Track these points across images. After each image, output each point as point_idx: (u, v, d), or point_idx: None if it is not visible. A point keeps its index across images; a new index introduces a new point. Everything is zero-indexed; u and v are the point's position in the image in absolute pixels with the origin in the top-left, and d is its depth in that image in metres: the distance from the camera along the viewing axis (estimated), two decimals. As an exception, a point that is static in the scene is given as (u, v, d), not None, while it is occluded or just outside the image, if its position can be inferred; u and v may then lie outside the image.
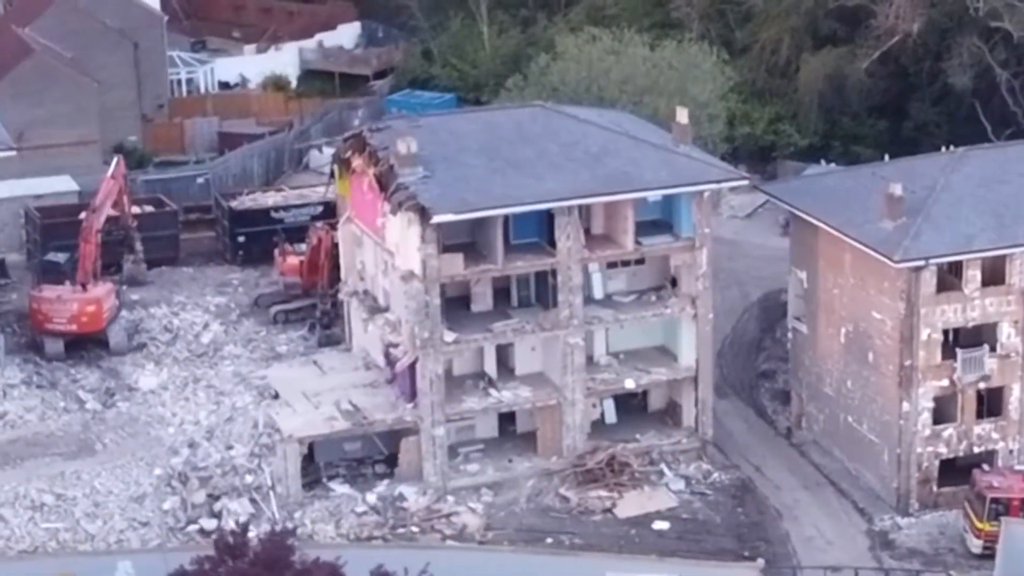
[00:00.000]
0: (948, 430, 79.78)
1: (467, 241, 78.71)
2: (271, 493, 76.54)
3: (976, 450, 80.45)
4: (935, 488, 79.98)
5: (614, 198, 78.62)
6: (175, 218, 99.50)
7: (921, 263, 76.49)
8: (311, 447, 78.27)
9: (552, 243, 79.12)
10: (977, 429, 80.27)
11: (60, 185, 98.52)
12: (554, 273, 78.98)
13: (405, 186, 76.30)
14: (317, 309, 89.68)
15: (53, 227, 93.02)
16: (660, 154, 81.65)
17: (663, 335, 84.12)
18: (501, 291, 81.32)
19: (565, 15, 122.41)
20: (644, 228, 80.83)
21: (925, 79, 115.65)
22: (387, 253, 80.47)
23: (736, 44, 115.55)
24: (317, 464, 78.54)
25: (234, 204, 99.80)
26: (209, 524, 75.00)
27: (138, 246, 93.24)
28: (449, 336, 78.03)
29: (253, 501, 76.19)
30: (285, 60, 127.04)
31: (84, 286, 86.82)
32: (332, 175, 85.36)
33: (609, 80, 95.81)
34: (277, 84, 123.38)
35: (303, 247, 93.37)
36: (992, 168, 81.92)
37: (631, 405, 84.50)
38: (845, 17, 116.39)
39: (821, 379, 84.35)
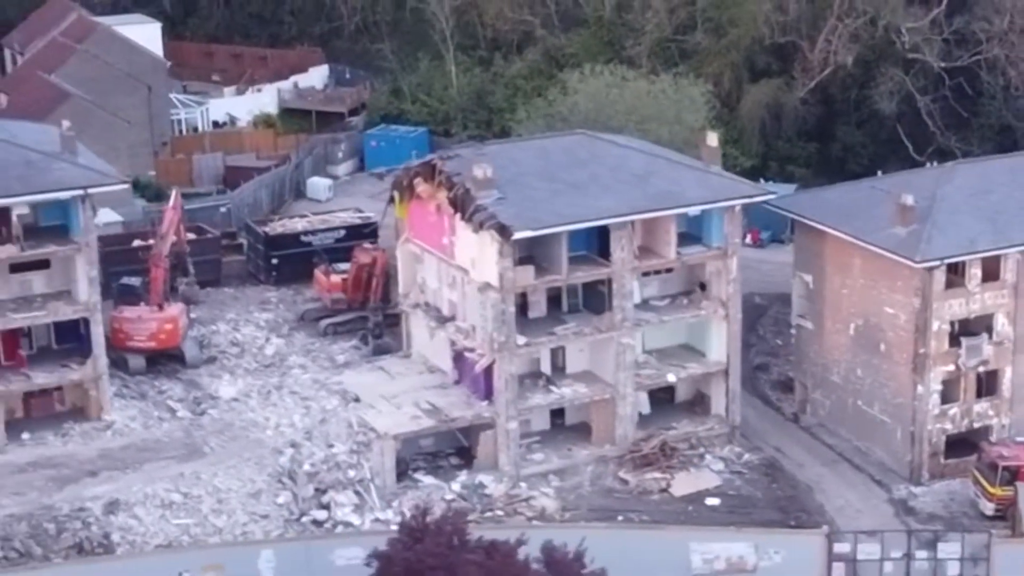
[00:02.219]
0: (953, 409, 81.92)
1: (525, 255, 79.36)
2: (371, 485, 76.88)
3: (976, 426, 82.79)
4: (942, 460, 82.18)
5: (662, 213, 79.95)
6: (217, 243, 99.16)
7: (936, 263, 78.97)
8: (393, 444, 78.95)
9: (602, 255, 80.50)
10: (976, 407, 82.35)
11: (106, 217, 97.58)
12: (608, 281, 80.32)
13: (484, 207, 77.15)
14: (369, 321, 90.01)
15: (111, 254, 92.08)
16: (695, 174, 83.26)
17: (687, 334, 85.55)
18: (552, 299, 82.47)
19: (524, 55, 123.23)
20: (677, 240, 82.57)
21: (852, 105, 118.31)
22: (455, 268, 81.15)
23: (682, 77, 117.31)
24: (403, 458, 79.06)
25: (268, 229, 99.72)
26: (320, 515, 74.93)
27: (191, 269, 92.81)
28: (521, 340, 78.98)
29: (357, 493, 76.35)
30: (266, 100, 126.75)
31: (160, 306, 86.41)
32: (392, 200, 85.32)
33: (616, 110, 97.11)
34: (267, 122, 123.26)
35: (341, 266, 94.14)
36: (977, 180, 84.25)
37: (659, 398, 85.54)
38: (778, 53, 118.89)
39: (828, 369, 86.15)
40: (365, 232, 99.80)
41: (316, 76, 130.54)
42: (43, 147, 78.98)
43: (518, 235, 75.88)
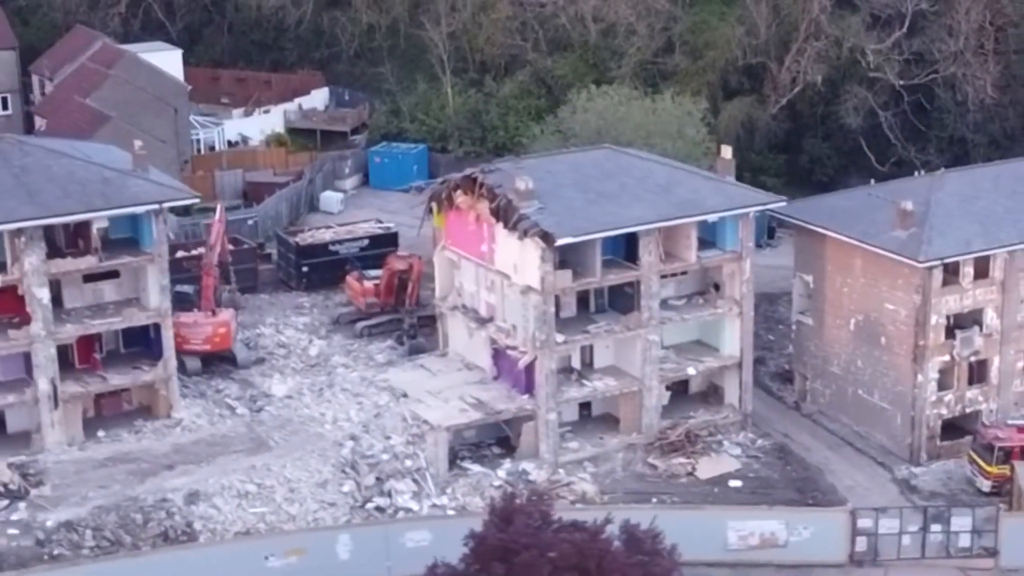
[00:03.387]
0: (948, 395, 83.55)
1: (559, 260, 79.90)
2: (427, 474, 77.50)
3: (968, 411, 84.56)
4: (938, 442, 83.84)
5: (686, 220, 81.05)
6: (253, 253, 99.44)
7: (936, 263, 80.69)
8: (439, 435, 79.56)
9: (628, 259, 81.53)
10: (968, 394, 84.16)
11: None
12: (636, 283, 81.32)
13: (526, 216, 77.98)
14: (405, 323, 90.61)
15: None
16: (712, 184, 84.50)
17: (699, 331, 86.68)
18: (580, 300, 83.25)
19: (514, 77, 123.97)
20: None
21: (818, 120, 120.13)
22: (494, 273, 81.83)
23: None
24: (451, 448, 79.66)
25: (299, 240, 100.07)
26: (383, 501, 75.50)
27: (232, 277, 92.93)
28: (560, 337, 79.91)
29: (414, 481, 76.87)
30: (273, 121, 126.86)
31: (213, 312, 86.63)
32: (430, 211, 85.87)
33: (626, 126, 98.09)
34: (279, 141, 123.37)
35: (372, 273, 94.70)
36: (966, 187, 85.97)
37: (674, 390, 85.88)
38: (750, 73, 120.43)
39: (828, 361, 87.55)
40: (386, 241, 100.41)
41: (318, 98, 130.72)
42: (116, 165, 78.99)
43: (560, 241, 76.76)
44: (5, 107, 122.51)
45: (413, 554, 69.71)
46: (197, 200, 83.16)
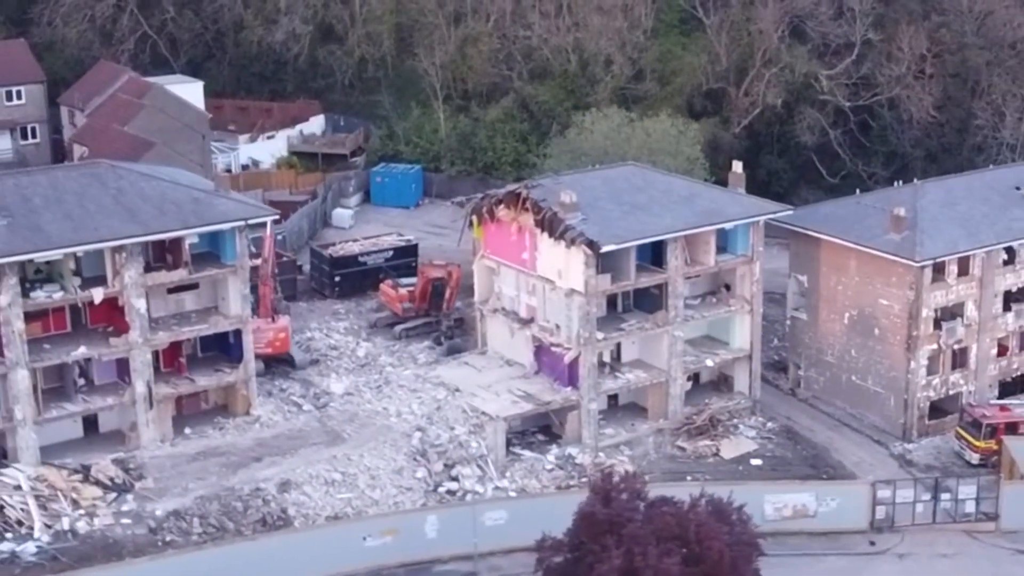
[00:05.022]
0: (935, 379, 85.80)
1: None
2: (488, 460, 78.06)
3: (951, 393, 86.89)
4: (927, 421, 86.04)
5: (710, 228, 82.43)
6: (293, 265, 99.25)
7: (930, 262, 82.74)
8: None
9: (654, 263, 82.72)
10: (952, 378, 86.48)
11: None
12: (664, 285, 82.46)
13: (572, 226, 78.89)
14: (443, 325, 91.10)
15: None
16: (726, 195, 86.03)
17: (708, 327, 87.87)
18: (608, 301, 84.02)
19: (500, 103, 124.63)
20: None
21: (774, 138, 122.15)
22: (535, 278, 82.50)
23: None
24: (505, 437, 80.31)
25: (332, 252, 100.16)
26: (452, 486, 76.07)
27: (278, 287, 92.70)
28: (599, 335, 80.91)
29: (478, 466, 77.44)
30: (279, 145, 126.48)
31: (273, 318, 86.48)
32: (470, 224, 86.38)
33: (630, 144, 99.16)
34: (289, 163, 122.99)
35: (404, 281, 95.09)
36: (944, 195, 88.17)
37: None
38: (712, 97, 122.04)
39: (822, 351, 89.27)
40: (407, 252, 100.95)
41: (316, 124, 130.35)
42: (199, 186, 78.85)
43: (605, 248, 77.75)
44: (34, 136, 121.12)
45: (492, 532, 70.71)
46: (276, 216, 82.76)
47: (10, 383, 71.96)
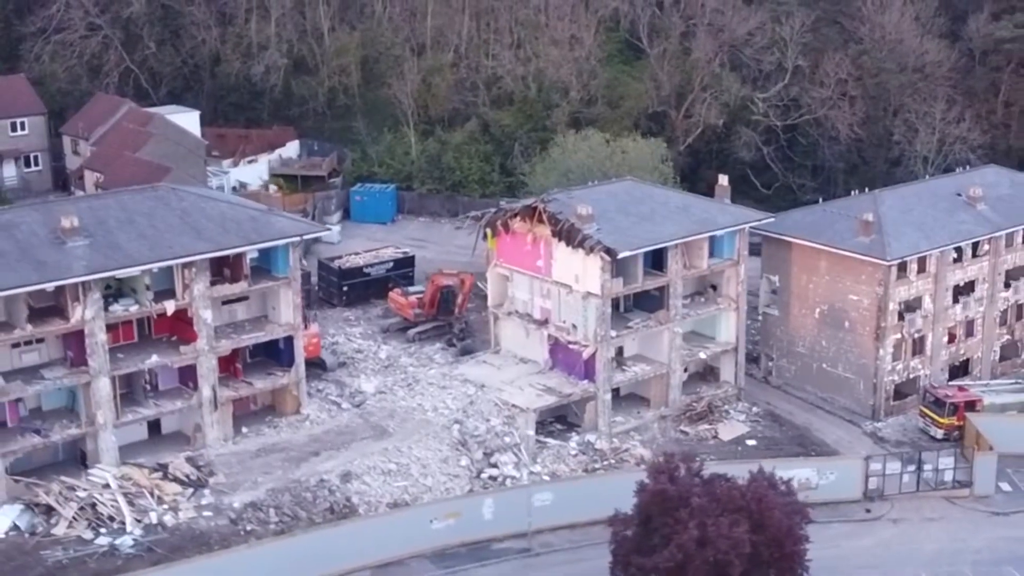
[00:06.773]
0: (899, 365, 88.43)
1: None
2: (521, 447, 78.83)
3: (911, 377, 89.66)
4: (891, 402, 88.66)
5: (705, 235, 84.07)
6: (308, 277, 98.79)
7: (897, 261, 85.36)
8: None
9: (654, 267, 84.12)
10: (912, 363, 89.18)
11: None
12: (665, 287, 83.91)
13: (589, 236, 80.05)
14: (455, 328, 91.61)
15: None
16: (716, 205, 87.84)
17: (694, 324, 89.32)
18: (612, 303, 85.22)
19: (464, 127, 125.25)
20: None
21: (714, 155, 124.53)
22: (550, 283, 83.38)
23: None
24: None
25: (340, 264, 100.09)
26: (493, 472, 76.59)
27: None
28: (613, 332, 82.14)
29: (514, 454, 78.10)
30: (260, 169, 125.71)
31: (306, 325, 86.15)
32: (485, 236, 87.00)
33: (612, 162, 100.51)
34: (277, 185, 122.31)
35: (411, 289, 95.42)
36: (900, 202, 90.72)
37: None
38: (656, 119, 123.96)
39: (793, 343, 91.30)
40: (405, 264, 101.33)
41: (292, 149, 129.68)
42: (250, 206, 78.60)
43: (622, 255, 79.01)
44: (37, 164, 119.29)
45: (540, 511, 71.48)
46: (328, 231, 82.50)
47: (93, 390, 71.15)
